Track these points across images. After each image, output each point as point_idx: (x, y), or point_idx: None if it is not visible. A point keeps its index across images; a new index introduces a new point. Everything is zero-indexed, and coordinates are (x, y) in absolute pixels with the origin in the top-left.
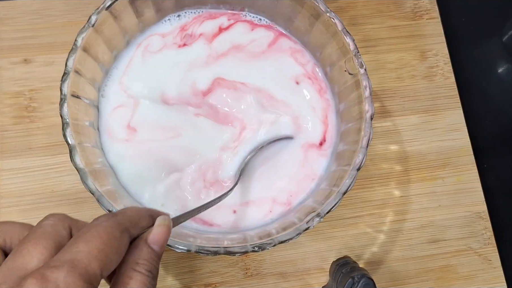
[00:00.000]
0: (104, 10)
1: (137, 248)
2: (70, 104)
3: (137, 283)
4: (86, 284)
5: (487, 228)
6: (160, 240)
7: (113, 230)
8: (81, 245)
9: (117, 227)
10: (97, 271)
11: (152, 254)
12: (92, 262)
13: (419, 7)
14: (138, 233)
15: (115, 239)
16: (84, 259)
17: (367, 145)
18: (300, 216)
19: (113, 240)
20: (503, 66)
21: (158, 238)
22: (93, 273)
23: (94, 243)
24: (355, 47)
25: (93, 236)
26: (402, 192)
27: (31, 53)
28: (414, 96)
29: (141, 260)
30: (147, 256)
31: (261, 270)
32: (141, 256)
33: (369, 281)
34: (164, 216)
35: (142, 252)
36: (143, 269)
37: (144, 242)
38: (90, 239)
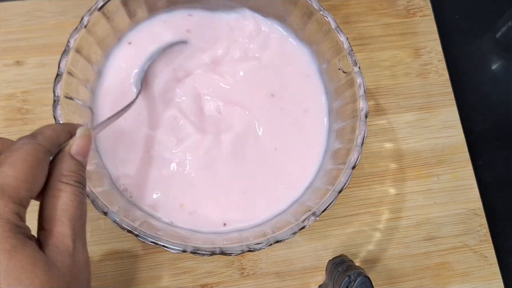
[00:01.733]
0: (96, 11)
1: (62, 161)
2: (63, 105)
3: (68, 194)
4: (17, 205)
5: (482, 225)
6: (83, 150)
7: (36, 152)
8: (8, 169)
9: (39, 149)
10: (26, 193)
11: (77, 165)
12: (21, 185)
13: (412, 4)
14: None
15: (39, 159)
16: (12, 183)
17: (362, 143)
18: (296, 215)
19: (37, 161)
20: (497, 62)
21: (81, 148)
22: (23, 195)
23: (20, 166)
24: (349, 45)
25: (18, 159)
26: (398, 190)
27: (23, 55)
28: (409, 93)
29: (68, 172)
30: (74, 168)
31: (257, 270)
32: (67, 168)
33: (366, 279)
34: (83, 127)
35: (68, 164)
36: (71, 180)
37: (68, 154)
38: (16, 163)
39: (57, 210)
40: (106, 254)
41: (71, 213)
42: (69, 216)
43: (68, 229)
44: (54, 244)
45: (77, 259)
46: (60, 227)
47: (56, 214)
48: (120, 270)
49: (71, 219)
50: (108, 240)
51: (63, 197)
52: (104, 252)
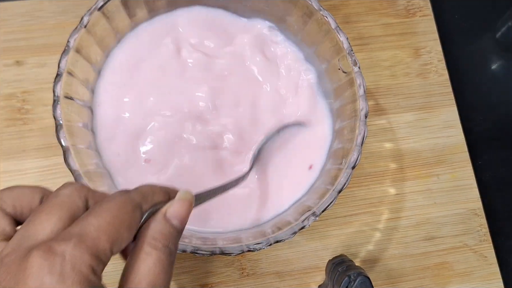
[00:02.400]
0: (96, 10)
1: (154, 223)
2: (63, 105)
3: (154, 259)
4: (94, 258)
5: (482, 224)
6: (181, 215)
7: (125, 204)
8: (91, 219)
9: (129, 202)
10: (106, 245)
11: (171, 229)
12: (101, 236)
13: (412, 4)
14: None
15: (126, 213)
16: (92, 232)
17: (362, 143)
18: (296, 215)
19: (124, 214)
20: (497, 62)
21: (179, 212)
22: (102, 247)
23: (104, 217)
24: (349, 45)
25: (103, 210)
26: (398, 189)
27: (23, 55)
28: (408, 93)
29: (158, 234)
30: (166, 231)
31: (257, 270)
32: (158, 231)
33: (365, 279)
34: (185, 190)
35: (160, 226)
36: (161, 245)
37: (163, 216)
38: (101, 213)
39: (137, 274)
40: None
41: (151, 279)
42: (148, 282)
43: None
44: None
45: None
46: None
47: (135, 277)
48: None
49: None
50: None
51: (147, 260)
52: None
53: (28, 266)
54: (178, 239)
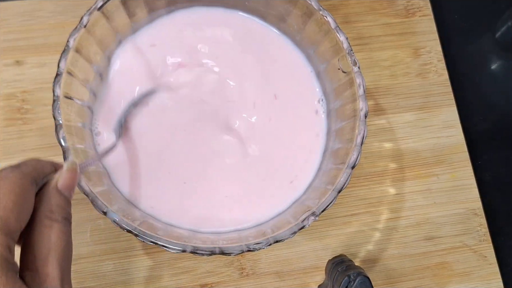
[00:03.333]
0: (96, 10)
1: (48, 196)
2: (63, 105)
3: (56, 232)
4: (7, 237)
5: (482, 224)
6: (70, 185)
7: (23, 181)
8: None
9: (26, 178)
10: (16, 224)
11: (64, 200)
12: (10, 216)
13: (411, 4)
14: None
15: (26, 189)
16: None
17: (362, 143)
18: (295, 215)
19: (25, 191)
20: (497, 62)
21: (68, 182)
22: (13, 226)
23: (8, 196)
24: (349, 45)
25: (4, 189)
26: (397, 189)
27: (23, 54)
28: (408, 93)
29: (55, 207)
30: (61, 203)
31: (257, 270)
32: (55, 203)
33: (365, 279)
34: (70, 161)
35: (55, 199)
36: (59, 217)
37: (55, 189)
38: (3, 193)
39: (44, 249)
40: (105, 253)
41: (59, 253)
42: (57, 256)
43: (57, 270)
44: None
45: None
46: (48, 267)
47: (43, 253)
48: (119, 269)
49: (58, 259)
50: (108, 239)
51: (50, 235)
52: (103, 251)
53: None
54: (70, 209)
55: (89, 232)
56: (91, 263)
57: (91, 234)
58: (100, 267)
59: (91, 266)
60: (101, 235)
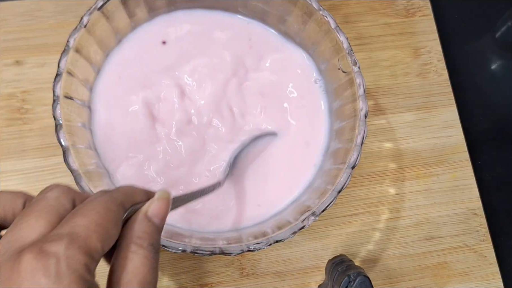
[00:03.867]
0: (96, 10)
1: (137, 222)
2: (63, 105)
3: (141, 258)
4: (87, 257)
5: (482, 224)
6: (160, 213)
7: (109, 204)
8: (79, 219)
9: (113, 201)
10: (97, 244)
11: (153, 228)
12: (91, 235)
13: (411, 4)
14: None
15: (112, 212)
16: (83, 232)
17: (362, 143)
18: (295, 215)
19: (110, 213)
20: (496, 62)
21: (159, 211)
22: (94, 246)
23: (92, 216)
24: (349, 45)
25: (89, 210)
26: (397, 189)
27: (23, 54)
28: (408, 93)
29: (143, 233)
30: (149, 230)
31: (257, 270)
32: (142, 230)
33: (365, 279)
34: (163, 190)
35: (143, 226)
36: (146, 243)
37: (144, 215)
38: (87, 213)
39: (126, 273)
40: None
41: (141, 278)
42: (138, 280)
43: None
44: None
45: None
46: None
47: (125, 277)
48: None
49: (140, 284)
50: None
51: (134, 259)
52: None
53: (21, 269)
54: (160, 237)
55: None
56: None
57: None
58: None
59: None
60: None
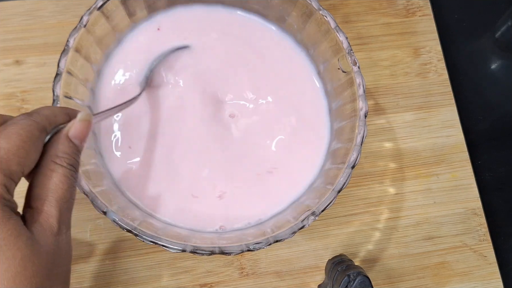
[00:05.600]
0: (95, 10)
1: (58, 142)
2: (63, 105)
3: (59, 175)
4: (7, 178)
5: (482, 224)
6: (81, 134)
7: (31, 128)
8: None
9: (35, 125)
10: (17, 167)
11: (73, 148)
12: (12, 158)
13: (411, 4)
14: (54, 130)
15: (33, 136)
16: (3, 155)
17: (361, 142)
18: (295, 214)
19: (32, 138)
20: (496, 62)
21: (79, 132)
22: (14, 168)
23: (14, 140)
24: (348, 45)
25: (12, 133)
26: (397, 189)
27: (22, 54)
28: (408, 93)
29: (62, 153)
30: (69, 150)
31: (256, 270)
32: (62, 150)
33: (365, 278)
34: (85, 112)
35: (63, 146)
36: (65, 163)
37: (65, 136)
38: (9, 136)
39: (46, 190)
40: (105, 253)
41: (60, 194)
42: (57, 197)
43: (55, 209)
44: (39, 222)
45: (60, 241)
46: (46, 206)
47: (44, 193)
48: (119, 269)
49: (58, 200)
50: (108, 239)
51: (53, 177)
52: (103, 251)
53: None
54: (79, 157)
55: (89, 232)
56: (91, 263)
57: (91, 234)
58: (100, 267)
59: (92, 266)
60: (101, 235)
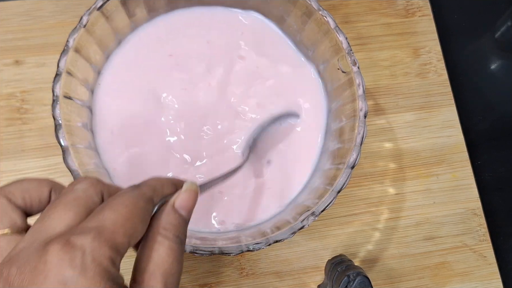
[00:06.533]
0: (95, 10)
1: (164, 214)
2: (63, 105)
3: (165, 248)
4: (113, 251)
5: (481, 224)
6: (187, 205)
7: (138, 199)
8: (107, 213)
9: (142, 196)
10: (123, 239)
11: (179, 219)
12: (118, 230)
13: (411, 4)
14: (161, 201)
15: (140, 207)
16: (110, 226)
17: (361, 143)
18: (295, 215)
19: (139, 209)
20: (496, 62)
21: (186, 203)
22: (120, 240)
23: (120, 211)
24: (348, 45)
25: (118, 204)
26: (397, 189)
27: (22, 54)
28: (408, 93)
29: (169, 225)
30: (175, 222)
31: (256, 270)
32: (168, 221)
33: (365, 279)
34: (190, 182)
35: (169, 217)
36: (171, 235)
37: (171, 207)
38: (116, 208)
39: (151, 263)
40: None
41: (166, 268)
42: (162, 271)
43: (160, 284)
44: None
45: None
46: (152, 281)
47: (149, 266)
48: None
49: (163, 274)
50: None
51: (159, 250)
52: None
53: (48, 260)
54: (186, 229)
55: None
56: None
57: None
58: None
59: None
60: None
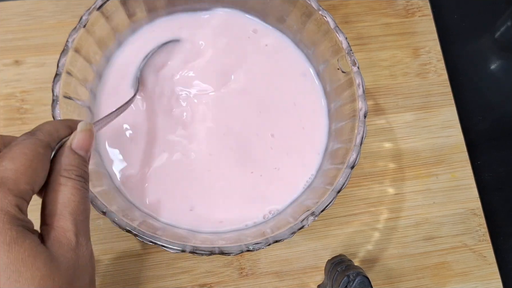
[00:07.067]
0: (95, 10)
1: (63, 156)
2: (62, 105)
3: (69, 188)
4: (18, 198)
5: (481, 224)
6: (84, 145)
7: (35, 145)
8: (7, 163)
9: (39, 143)
10: (27, 186)
11: (79, 160)
12: (20, 178)
13: (411, 4)
14: (58, 144)
15: (39, 153)
16: (12, 175)
17: (361, 143)
18: (295, 215)
19: (37, 155)
20: (496, 62)
21: (82, 143)
22: (23, 188)
23: (20, 160)
24: (348, 45)
25: (16, 153)
26: (397, 189)
27: (22, 54)
28: (408, 93)
29: (69, 166)
30: (75, 162)
31: (256, 270)
32: (68, 163)
33: (364, 279)
34: (84, 122)
35: (69, 158)
36: (73, 175)
37: (69, 149)
38: (15, 157)
39: (58, 204)
40: (105, 253)
41: (73, 207)
42: (70, 210)
43: (70, 223)
44: (56, 239)
45: (80, 254)
46: (61, 221)
47: (57, 208)
48: (119, 269)
49: (72, 213)
50: (107, 239)
51: (64, 191)
52: (103, 251)
53: None
54: (87, 167)
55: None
56: None
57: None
58: (100, 267)
59: None
60: (100, 235)
